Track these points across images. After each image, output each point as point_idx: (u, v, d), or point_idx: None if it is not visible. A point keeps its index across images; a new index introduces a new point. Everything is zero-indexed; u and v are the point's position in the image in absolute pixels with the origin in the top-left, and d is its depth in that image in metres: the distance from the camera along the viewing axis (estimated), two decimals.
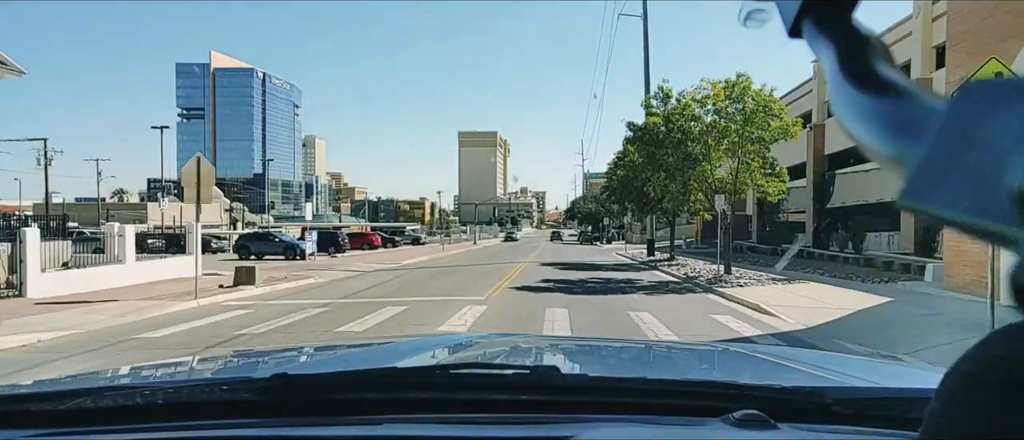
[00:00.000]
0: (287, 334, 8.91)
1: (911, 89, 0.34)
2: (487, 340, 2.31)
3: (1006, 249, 0.27)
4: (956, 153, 0.28)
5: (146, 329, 9.29)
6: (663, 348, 2.68)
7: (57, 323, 9.61)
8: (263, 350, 3.17)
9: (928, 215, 0.29)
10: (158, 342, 8.38)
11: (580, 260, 27.85)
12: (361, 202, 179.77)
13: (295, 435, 1.10)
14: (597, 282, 17.05)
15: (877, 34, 0.38)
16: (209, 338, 8.56)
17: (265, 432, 1.10)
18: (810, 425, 1.08)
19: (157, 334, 8.92)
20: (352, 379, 1.27)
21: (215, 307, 11.98)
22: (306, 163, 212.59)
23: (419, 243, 46.92)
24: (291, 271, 19.91)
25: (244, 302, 12.76)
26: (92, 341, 8.44)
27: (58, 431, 1.09)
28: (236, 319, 10.43)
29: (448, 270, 22.10)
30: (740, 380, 1.29)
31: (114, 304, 11.72)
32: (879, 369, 2.14)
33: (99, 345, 8.18)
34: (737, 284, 14.80)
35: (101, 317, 10.22)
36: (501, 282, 16.89)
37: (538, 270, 21.41)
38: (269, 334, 8.95)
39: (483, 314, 10.72)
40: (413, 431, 1.09)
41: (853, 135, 0.35)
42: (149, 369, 1.85)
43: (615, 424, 1.09)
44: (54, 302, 12.03)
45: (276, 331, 9.16)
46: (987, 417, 0.28)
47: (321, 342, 7.19)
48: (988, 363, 0.30)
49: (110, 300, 12.25)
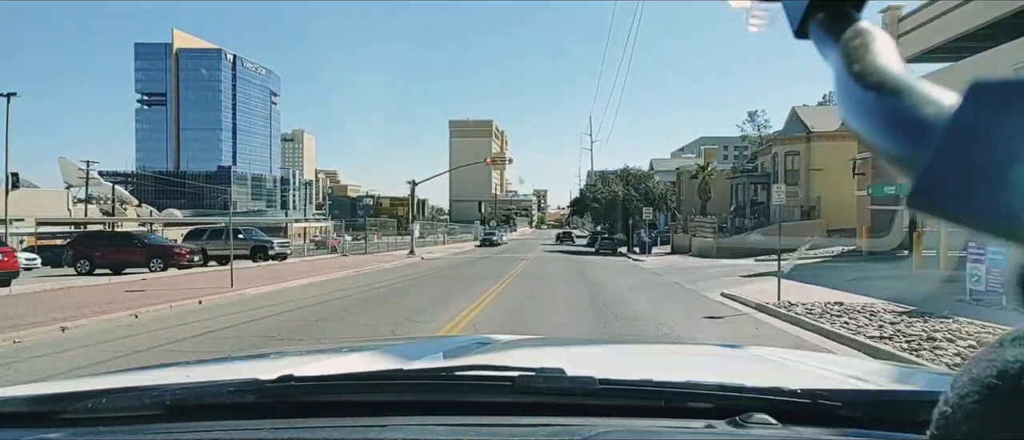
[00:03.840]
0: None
1: (919, 88, 0.33)
2: (493, 341, 2.25)
3: (1018, 247, 0.27)
4: (965, 154, 0.28)
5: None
6: (670, 350, 2.73)
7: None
8: (270, 352, 3.32)
9: (937, 216, 0.28)
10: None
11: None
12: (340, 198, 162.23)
13: (301, 437, 1.08)
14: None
15: (885, 33, 0.38)
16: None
17: (272, 434, 1.09)
18: (817, 428, 1.07)
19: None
20: (358, 381, 1.27)
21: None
22: (293, 159, 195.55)
23: (283, 258, 26.39)
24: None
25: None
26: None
27: (68, 432, 1.10)
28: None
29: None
30: (747, 382, 1.24)
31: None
32: (886, 371, 2.01)
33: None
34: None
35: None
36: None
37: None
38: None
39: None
40: (419, 433, 1.07)
41: (861, 136, 0.34)
42: (157, 371, 1.88)
43: (622, 426, 1.09)
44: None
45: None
46: (999, 422, 0.28)
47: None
48: (1000, 367, 0.29)
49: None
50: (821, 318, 9.77)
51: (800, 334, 9.12)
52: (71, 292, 14.61)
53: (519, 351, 1.96)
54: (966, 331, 8.17)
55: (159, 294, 13.71)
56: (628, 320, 10.42)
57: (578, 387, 1.19)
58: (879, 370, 2.05)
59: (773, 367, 1.82)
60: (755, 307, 11.91)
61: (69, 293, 14.40)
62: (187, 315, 11.06)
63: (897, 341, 7.80)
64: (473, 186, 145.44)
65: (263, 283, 16.36)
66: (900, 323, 8.96)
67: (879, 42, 0.37)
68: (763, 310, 11.45)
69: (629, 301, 13.31)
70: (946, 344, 7.48)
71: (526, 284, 17.55)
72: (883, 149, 0.33)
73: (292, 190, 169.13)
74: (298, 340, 8.48)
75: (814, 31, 0.40)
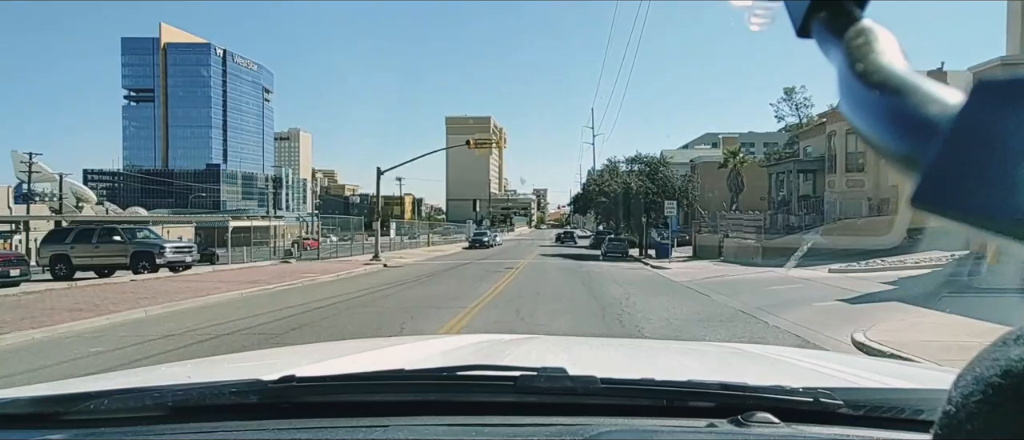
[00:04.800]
0: None
1: (924, 87, 0.32)
2: (494, 341, 2.27)
3: (1022, 246, 0.26)
4: (969, 152, 0.28)
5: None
6: (671, 349, 2.66)
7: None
8: (271, 352, 3.25)
9: (942, 216, 0.28)
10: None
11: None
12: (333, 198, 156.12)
13: (304, 437, 1.08)
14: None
15: (888, 31, 0.37)
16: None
17: (274, 434, 1.09)
18: (819, 426, 1.07)
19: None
20: (360, 381, 1.26)
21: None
22: (289, 158, 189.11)
23: (183, 268, 19.26)
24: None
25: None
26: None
27: (71, 433, 1.10)
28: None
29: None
30: (749, 381, 1.22)
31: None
32: (888, 369, 2.07)
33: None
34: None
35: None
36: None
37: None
38: None
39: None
40: (421, 433, 1.07)
41: (864, 136, 0.34)
42: (160, 371, 1.91)
43: (623, 425, 1.08)
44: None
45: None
46: (1003, 421, 0.28)
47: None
48: (1004, 365, 0.29)
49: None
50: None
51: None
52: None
53: (521, 351, 2.01)
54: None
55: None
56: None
57: (580, 387, 1.18)
58: (881, 368, 2.07)
59: (775, 366, 1.88)
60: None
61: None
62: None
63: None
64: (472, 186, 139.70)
65: (70, 316, 9.93)
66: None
67: (882, 41, 0.36)
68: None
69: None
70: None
71: (507, 315, 10.88)
72: (887, 148, 0.32)
73: (284, 189, 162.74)
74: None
75: (816, 30, 0.39)
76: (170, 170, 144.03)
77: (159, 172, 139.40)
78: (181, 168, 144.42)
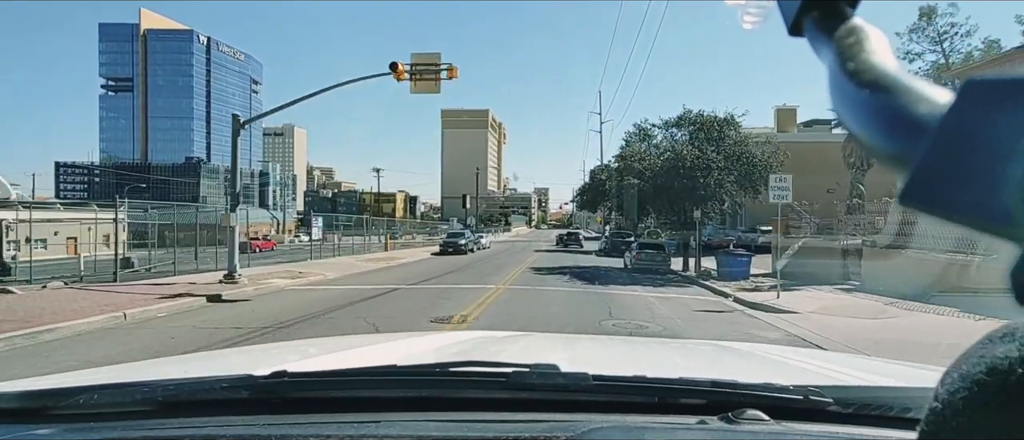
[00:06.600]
0: None
1: (914, 86, 0.33)
2: (488, 338, 2.26)
3: (1009, 244, 0.26)
4: (957, 151, 0.28)
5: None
6: (664, 346, 2.68)
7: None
8: (264, 347, 3.24)
9: (930, 213, 0.29)
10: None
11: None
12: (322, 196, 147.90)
13: (296, 433, 1.07)
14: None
15: (879, 30, 0.37)
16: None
17: (266, 430, 1.08)
18: (809, 423, 1.09)
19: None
20: (352, 377, 1.26)
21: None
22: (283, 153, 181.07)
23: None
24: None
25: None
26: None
27: (60, 428, 1.09)
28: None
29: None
30: (740, 379, 1.24)
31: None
32: (877, 367, 2.06)
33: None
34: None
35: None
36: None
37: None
38: None
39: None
40: (413, 429, 1.07)
41: (854, 133, 0.34)
42: (151, 366, 1.92)
43: (615, 422, 1.09)
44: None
45: None
46: (988, 417, 0.28)
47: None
48: (990, 363, 0.29)
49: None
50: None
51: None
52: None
53: (513, 347, 2.04)
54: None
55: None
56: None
57: (572, 383, 1.19)
58: (870, 366, 2.09)
59: (765, 363, 1.90)
60: None
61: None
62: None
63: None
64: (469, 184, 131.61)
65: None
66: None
67: (873, 40, 0.37)
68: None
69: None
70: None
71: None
72: (877, 146, 0.32)
73: (271, 185, 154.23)
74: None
75: (808, 29, 0.40)
76: (149, 164, 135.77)
77: (137, 165, 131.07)
78: (161, 161, 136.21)
